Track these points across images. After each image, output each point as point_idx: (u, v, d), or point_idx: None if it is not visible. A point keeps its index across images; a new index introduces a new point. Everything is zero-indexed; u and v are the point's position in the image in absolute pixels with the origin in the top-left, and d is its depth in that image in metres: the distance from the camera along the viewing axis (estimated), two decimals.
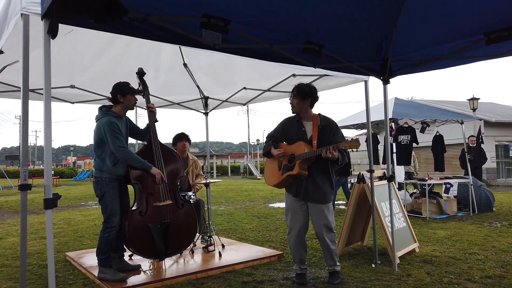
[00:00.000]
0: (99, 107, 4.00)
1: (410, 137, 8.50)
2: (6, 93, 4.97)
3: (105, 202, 3.79)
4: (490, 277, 3.87)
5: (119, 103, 3.94)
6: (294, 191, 3.71)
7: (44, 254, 5.03)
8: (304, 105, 3.72)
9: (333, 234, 3.73)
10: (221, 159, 44.44)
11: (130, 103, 3.98)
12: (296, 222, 3.72)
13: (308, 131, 3.74)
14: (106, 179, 3.80)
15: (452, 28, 3.35)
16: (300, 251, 3.78)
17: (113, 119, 3.82)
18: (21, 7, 2.42)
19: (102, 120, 3.81)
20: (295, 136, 3.75)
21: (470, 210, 8.30)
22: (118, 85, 3.95)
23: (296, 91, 3.74)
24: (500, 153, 19.89)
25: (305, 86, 3.76)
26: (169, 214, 4.00)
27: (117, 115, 3.91)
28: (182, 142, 5.30)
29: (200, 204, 5.10)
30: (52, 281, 2.41)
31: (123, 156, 3.75)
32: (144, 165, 3.88)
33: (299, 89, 3.73)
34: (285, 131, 3.85)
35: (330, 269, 3.81)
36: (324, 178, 3.69)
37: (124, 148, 3.77)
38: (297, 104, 3.73)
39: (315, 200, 3.66)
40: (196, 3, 2.76)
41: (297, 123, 3.78)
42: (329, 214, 3.68)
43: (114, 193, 3.81)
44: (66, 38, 3.84)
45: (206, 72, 5.55)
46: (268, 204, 10.84)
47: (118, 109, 3.95)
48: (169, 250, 4.01)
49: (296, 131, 3.77)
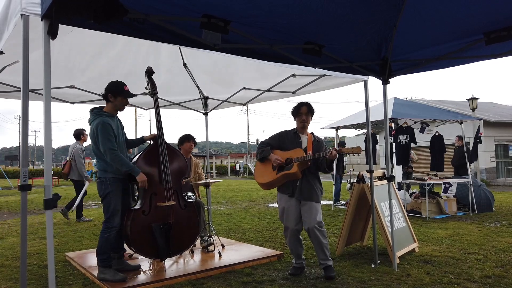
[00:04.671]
0: (90, 110, 3.94)
1: (409, 137, 8.52)
2: (6, 94, 4.98)
3: (108, 202, 3.78)
4: (489, 277, 3.88)
5: (109, 102, 3.89)
6: (290, 191, 4.00)
7: (44, 255, 5.03)
8: (310, 121, 4.17)
9: (324, 230, 4.00)
10: (221, 159, 44.45)
11: (120, 105, 3.93)
12: (291, 221, 3.99)
13: (304, 143, 4.10)
14: (111, 179, 3.78)
15: (452, 28, 3.35)
16: (296, 247, 4.07)
17: (106, 119, 3.78)
18: (21, 8, 2.42)
19: (95, 122, 3.78)
20: (290, 145, 4.08)
21: (469, 210, 8.30)
22: (112, 84, 3.90)
23: (307, 109, 4.08)
24: (500, 153, 19.91)
25: (311, 105, 4.13)
26: (172, 214, 4.00)
27: (110, 115, 3.87)
28: (190, 143, 5.29)
29: (200, 206, 5.10)
30: (52, 281, 2.41)
31: (111, 158, 3.71)
32: (131, 170, 3.82)
33: (310, 107, 4.10)
34: (281, 139, 4.16)
35: (323, 265, 3.96)
36: (315, 180, 4.07)
37: (114, 151, 3.71)
38: (309, 121, 4.13)
39: (309, 198, 3.95)
40: (196, 4, 2.76)
41: (294, 135, 4.14)
42: (320, 212, 3.99)
43: (117, 193, 3.80)
44: (66, 38, 3.84)
45: (206, 72, 5.55)
46: (268, 204, 10.84)
47: (109, 108, 3.90)
48: (170, 250, 4.02)
49: (292, 141, 4.11)
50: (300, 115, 4.09)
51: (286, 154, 4.04)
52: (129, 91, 3.93)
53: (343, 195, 10.74)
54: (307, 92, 5.53)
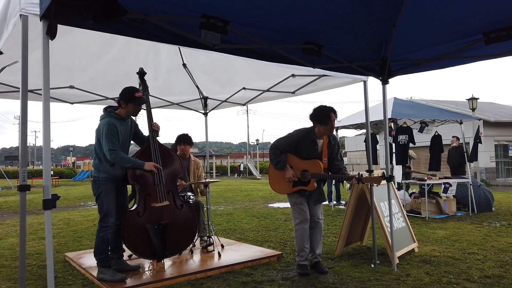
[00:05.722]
0: (104, 108, 3.99)
1: (408, 137, 8.53)
2: (5, 94, 4.98)
3: (101, 202, 3.79)
4: (489, 277, 3.88)
5: (121, 108, 3.94)
6: (304, 193, 4.12)
7: (43, 255, 5.03)
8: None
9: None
10: (221, 159, 44.46)
11: (132, 111, 3.96)
12: (305, 213, 4.09)
13: (319, 149, 4.08)
14: (103, 179, 3.80)
15: (451, 28, 3.35)
16: (306, 240, 4.11)
17: (114, 121, 3.81)
18: (20, 8, 2.42)
19: (103, 121, 3.83)
20: (307, 153, 4.05)
21: (469, 210, 8.30)
22: (124, 91, 3.93)
23: (335, 115, 3.96)
24: (499, 153, 19.92)
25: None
26: (166, 215, 4.00)
27: (120, 117, 3.91)
28: (181, 146, 5.23)
29: (199, 206, 5.10)
30: (51, 282, 2.41)
31: (113, 158, 3.73)
32: (135, 164, 3.87)
33: (336, 113, 3.99)
34: (298, 145, 4.07)
35: (314, 260, 4.14)
36: (321, 185, 4.23)
37: (114, 151, 3.73)
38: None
39: (319, 201, 4.19)
40: (195, 4, 2.75)
41: (312, 142, 4.04)
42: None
43: (110, 193, 3.81)
44: (65, 38, 3.83)
45: (206, 72, 5.55)
46: (268, 204, 10.84)
47: (121, 112, 3.95)
48: (167, 250, 4.01)
49: (308, 149, 4.05)
50: (329, 123, 3.92)
51: (304, 165, 4.03)
52: (140, 98, 3.93)
53: (343, 195, 10.74)
54: (306, 92, 5.53)
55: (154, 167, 3.94)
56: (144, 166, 3.90)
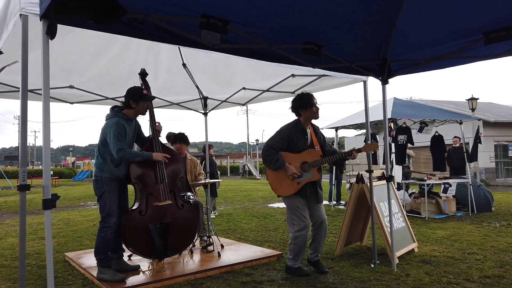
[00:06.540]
0: (111, 107, 4.01)
1: (406, 137, 8.54)
2: (5, 94, 4.97)
3: (103, 202, 3.79)
4: (489, 277, 3.88)
5: (131, 108, 3.94)
6: (305, 194, 3.98)
7: (43, 255, 5.03)
8: None
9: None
10: (220, 159, 44.47)
11: (142, 109, 3.99)
12: (306, 219, 3.98)
13: (309, 138, 4.07)
14: (106, 179, 3.80)
15: (451, 28, 3.35)
16: (305, 246, 4.05)
17: (122, 121, 3.83)
18: (20, 8, 2.42)
19: (111, 120, 3.83)
20: (301, 145, 4.00)
21: (469, 210, 8.31)
22: (131, 90, 3.94)
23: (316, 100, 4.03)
24: (499, 153, 19.92)
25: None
26: (168, 214, 4.00)
27: (127, 118, 3.92)
28: (176, 145, 5.25)
29: (199, 206, 5.10)
30: (51, 282, 2.41)
31: (121, 156, 3.74)
32: (144, 156, 3.90)
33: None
34: (290, 140, 3.99)
35: (315, 259, 4.14)
36: (320, 182, 4.13)
37: (122, 150, 3.74)
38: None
39: (319, 201, 4.08)
40: (195, 4, 2.75)
41: (301, 132, 4.03)
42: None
43: (113, 193, 3.80)
44: (65, 38, 3.84)
45: (205, 72, 5.55)
46: (268, 204, 10.85)
47: (129, 113, 3.96)
48: (168, 250, 4.01)
49: (301, 140, 4.02)
50: (313, 105, 3.96)
51: (300, 158, 3.97)
52: (148, 94, 3.99)
53: (343, 195, 10.74)
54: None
55: (162, 157, 3.96)
56: (152, 157, 3.92)
